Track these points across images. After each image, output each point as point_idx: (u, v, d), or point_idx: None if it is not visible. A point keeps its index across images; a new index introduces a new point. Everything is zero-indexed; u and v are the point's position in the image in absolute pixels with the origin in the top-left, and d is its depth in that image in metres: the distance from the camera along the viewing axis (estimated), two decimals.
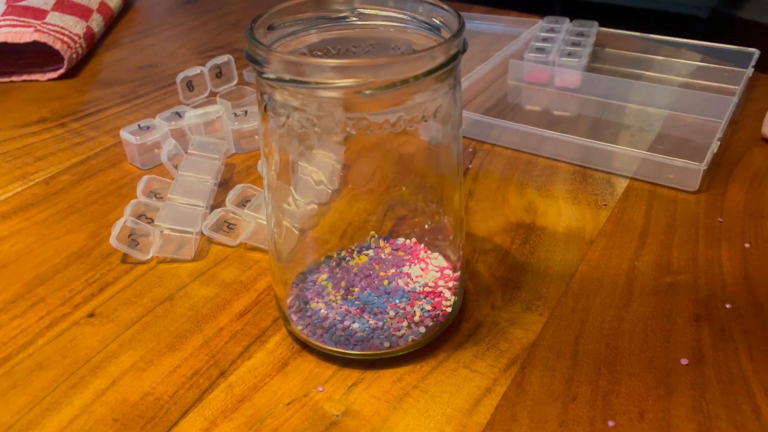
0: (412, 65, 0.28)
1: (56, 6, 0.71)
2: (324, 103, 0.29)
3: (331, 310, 0.35)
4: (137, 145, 0.51)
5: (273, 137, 0.32)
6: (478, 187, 0.49)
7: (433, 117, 0.31)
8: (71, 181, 0.51)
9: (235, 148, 0.54)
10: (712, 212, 0.45)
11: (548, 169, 0.51)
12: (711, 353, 0.35)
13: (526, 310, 0.38)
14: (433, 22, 0.33)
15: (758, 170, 0.50)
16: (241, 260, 0.42)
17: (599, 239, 0.43)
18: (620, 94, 0.59)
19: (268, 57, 0.28)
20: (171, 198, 0.45)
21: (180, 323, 0.38)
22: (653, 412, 0.32)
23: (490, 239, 0.43)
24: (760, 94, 0.61)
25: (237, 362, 0.35)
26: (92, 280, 0.41)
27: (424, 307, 0.35)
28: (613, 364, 0.34)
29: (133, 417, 0.32)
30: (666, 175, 0.48)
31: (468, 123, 0.55)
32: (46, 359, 0.36)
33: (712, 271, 0.40)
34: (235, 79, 0.62)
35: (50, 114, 0.61)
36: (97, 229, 0.45)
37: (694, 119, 0.56)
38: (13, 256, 0.43)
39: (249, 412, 0.32)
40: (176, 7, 0.88)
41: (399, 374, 0.34)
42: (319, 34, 0.34)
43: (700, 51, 0.67)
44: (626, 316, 0.37)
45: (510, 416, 0.32)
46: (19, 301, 0.39)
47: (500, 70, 0.65)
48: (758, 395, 0.32)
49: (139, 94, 0.64)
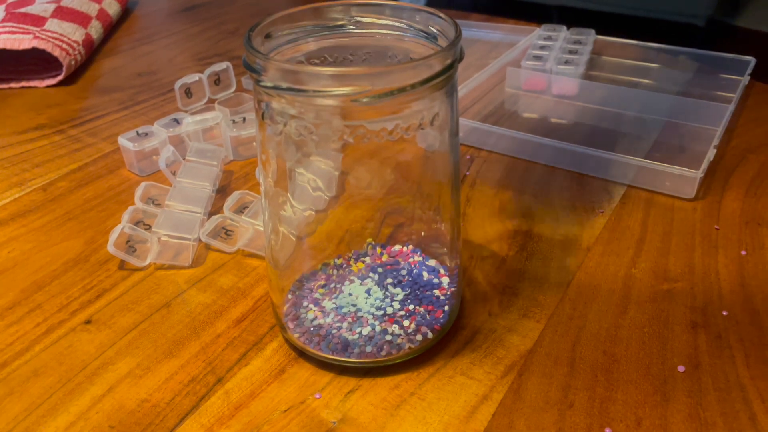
0: (410, 73, 0.28)
1: (55, 13, 0.71)
2: (321, 111, 0.29)
3: (327, 318, 0.35)
4: (135, 151, 0.51)
5: (270, 145, 0.32)
6: (475, 194, 0.49)
7: (431, 125, 0.31)
8: (69, 188, 0.51)
9: (233, 155, 0.54)
10: (708, 220, 0.45)
11: (545, 176, 0.51)
12: (708, 360, 0.35)
13: (523, 317, 0.38)
14: (430, 30, 0.33)
15: (755, 178, 0.50)
16: (238, 267, 0.42)
17: (596, 246, 0.43)
18: (617, 101, 0.59)
19: (265, 65, 0.28)
20: (169, 204, 0.45)
21: (177, 330, 0.38)
22: (650, 420, 0.32)
23: (487, 246, 0.44)
24: (756, 101, 0.61)
25: (234, 369, 0.35)
26: (89, 286, 0.41)
27: (421, 314, 0.35)
28: (610, 371, 0.34)
29: (129, 424, 0.32)
30: (663, 182, 0.48)
31: (465, 130, 0.55)
32: (43, 366, 0.35)
33: (708, 279, 0.40)
34: (234, 86, 0.62)
35: (48, 120, 0.61)
36: (95, 236, 0.45)
37: (691, 127, 0.56)
38: (10, 263, 0.43)
39: (246, 419, 0.32)
40: (175, 15, 0.89)
41: (396, 381, 0.34)
42: (317, 43, 0.34)
43: (697, 59, 0.67)
44: (623, 323, 0.37)
45: (507, 423, 0.32)
46: (15, 308, 0.39)
47: (497, 78, 0.65)
48: (755, 402, 0.32)
49: (138, 101, 0.64)
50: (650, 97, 0.59)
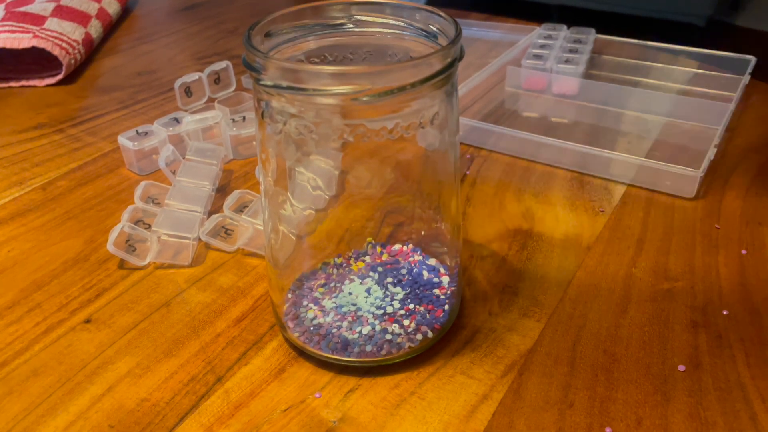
0: (410, 72, 0.28)
1: (55, 12, 0.71)
2: (321, 109, 0.29)
3: (327, 317, 0.35)
4: (135, 150, 0.51)
5: (270, 144, 0.32)
6: (475, 194, 0.49)
7: (431, 124, 0.31)
8: (69, 187, 0.51)
9: (233, 154, 0.54)
10: (709, 219, 0.45)
11: (546, 175, 0.51)
12: (708, 360, 0.35)
13: (524, 316, 0.38)
14: (430, 29, 0.33)
15: (755, 177, 0.50)
16: (238, 266, 0.42)
17: (596, 246, 0.43)
18: (617, 101, 0.59)
19: (265, 64, 0.28)
20: (168, 204, 0.45)
21: (177, 329, 0.38)
22: (650, 419, 0.32)
23: (488, 245, 0.43)
24: (756, 101, 0.61)
25: (234, 368, 0.35)
26: (89, 285, 0.41)
27: (421, 313, 0.35)
28: (610, 371, 0.34)
29: (129, 423, 0.32)
30: (663, 181, 0.48)
31: (465, 129, 0.55)
32: (42, 365, 0.35)
33: (709, 278, 0.40)
34: (233, 85, 0.62)
35: (48, 120, 0.61)
36: (95, 235, 0.45)
37: (691, 126, 0.56)
38: (9, 262, 0.43)
39: (245, 418, 0.32)
40: (175, 14, 0.89)
41: (396, 381, 0.34)
42: (317, 41, 0.34)
43: (697, 58, 0.67)
44: (623, 323, 0.37)
45: (507, 423, 0.32)
46: (15, 307, 0.39)
47: (498, 77, 0.65)
48: (755, 402, 0.32)
49: (138, 100, 0.64)
50: (651, 96, 0.59)
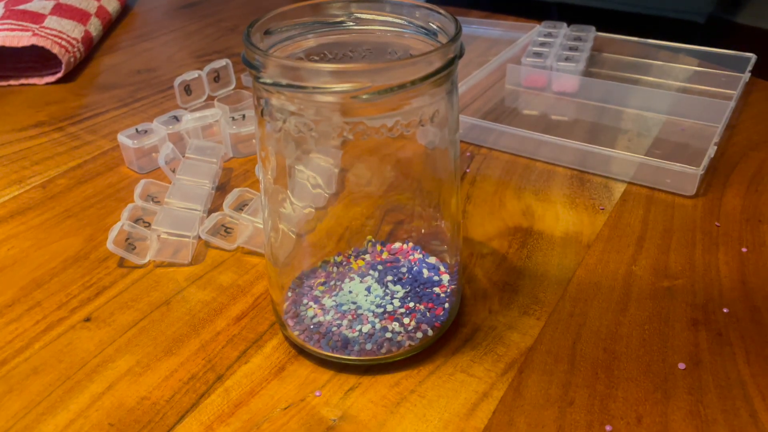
0: (410, 70, 0.28)
1: (54, 10, 0.71)
2: (321, 107, 0.29)
3: (327, 316, 0.35)
4: (135, 149, 0.51)
5: (270, 141, 0.32)
6: (475, 192, 0.49)
7: (431, 121, 0.31)
8: (68, 185, 0.51)
9: (233, 152, 0.54)
10: (709, 217, 0.45)
11: (546, 173, 0.51)
12: (708, 358, 0.35)
13: (524, 314, 0.38)
14: (430, 26, 0.33)
15: (755, 174, 0.50)
16: (238, 264, 0.42)
17: (597, 243, 0.43)
18: (618, 98, 0.59)
19: (264, 61, 0.28)
20: (168, 202, 0.45)
21: (177, 327, 0.37)
22: (651, 417, 0.32)
23: (488, 243, 0.43)
24: (757, 98, 0.61)
25: (234, 367, 0.35)
26: (89, 284, 0.41)
27: (421, 311, 0.35)
28: (610, 369, 0.34)
29: (129, 422, 0.32)
30: (663, 179, 0.48)
31: (465, 127, 0.55)
32: (42, 363, 0.35)
33: (709, 276, 0.40)
34: (233, 83, 0.62)
35: (48, 118, 0.61)
36: (94, 233, 0.45)
37: (692, 124, 0.56)
38: (9, 260, 0.43)
39: (245, 416, 0.32)
40: (174, 12, 0.89)
41: (396, 379, 0.34)
42: (316, 39, 0.34)
43: (698, 56, 0.67)
44: (623, 321, 0.37)
45: (507, 421, 0.32)
46: (15, 305, 0.39)
47: (498, 75, 0.65)
48: (755, 400, 0.32)
49: (137, 98, 0.64)
50: (651, 94, 0.59)
